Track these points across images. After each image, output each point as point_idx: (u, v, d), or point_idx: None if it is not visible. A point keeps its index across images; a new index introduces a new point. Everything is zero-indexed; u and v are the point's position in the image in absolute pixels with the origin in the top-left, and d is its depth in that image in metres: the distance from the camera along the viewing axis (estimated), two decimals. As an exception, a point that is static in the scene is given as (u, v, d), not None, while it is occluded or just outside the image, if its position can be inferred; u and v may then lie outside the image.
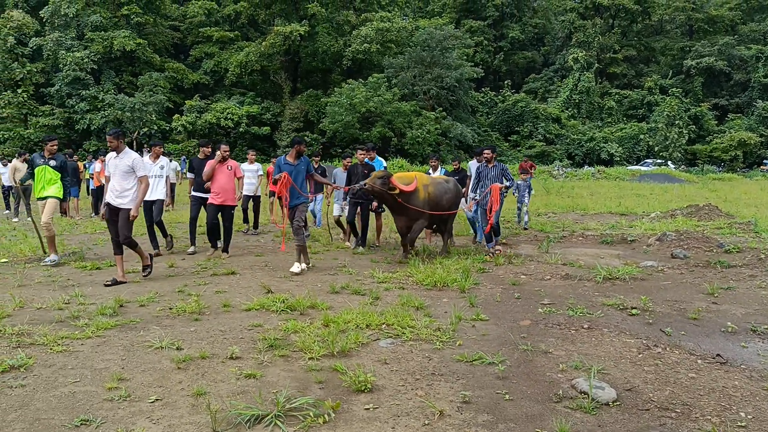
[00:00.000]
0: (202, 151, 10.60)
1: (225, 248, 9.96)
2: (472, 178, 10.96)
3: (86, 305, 6.47)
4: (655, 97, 53.09)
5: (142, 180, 7.83)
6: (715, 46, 54.89)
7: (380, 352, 5.03)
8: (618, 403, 4.07)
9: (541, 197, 21.21)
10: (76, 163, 17.98)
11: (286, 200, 8.60)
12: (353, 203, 10.62)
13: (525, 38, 61.33)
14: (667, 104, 48.83)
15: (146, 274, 8.06)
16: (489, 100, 52.44)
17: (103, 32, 44.80)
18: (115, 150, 7.78)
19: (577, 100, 52.37)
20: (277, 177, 8.46)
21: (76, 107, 42.73)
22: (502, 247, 10.33)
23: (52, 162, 9.29)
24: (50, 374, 4.47)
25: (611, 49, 58.54)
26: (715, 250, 9.98)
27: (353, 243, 10.97)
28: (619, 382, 4.43)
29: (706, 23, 60.17)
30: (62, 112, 42.95)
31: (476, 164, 10.90)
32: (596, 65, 54.16)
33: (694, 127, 50.19)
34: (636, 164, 46.05)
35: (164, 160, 10.42)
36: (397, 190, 9.03)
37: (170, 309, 6.35)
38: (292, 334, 5.46)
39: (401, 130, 42.59)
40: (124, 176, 7.71)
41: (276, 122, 45.73)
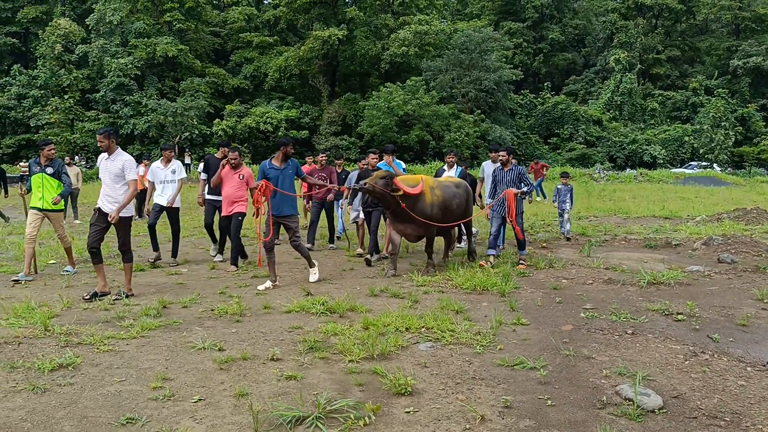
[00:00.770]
0: (221, 151, 10.08)
1: (232, 260, 9.29)
2: (484, 179, 10.50)
3: (131, 306, 6.61)
4: (700, 98, 51.85)
5: (131, 184, 7.11)
6: (763, 45, 53.27)
7: (420, 356, 5.02)
8: (664, 410, 3.97)
9: (582, 200, 20.90)
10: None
11: (262, 211, 7.64)
12: (364, 211, 10.02)
13: (565, 39, 60.55)
14: (713, 105, 47.62)
15: (89, 297, 6.93)
16: (528, 102, 51.92)
17: (146, 39, 45.78)
18: (106, 150, 7.09)
19: (618, 102, 51.46)
20: (257, 184, 7.71)
21: (120, 112, 43.74)
22: (543, 251, 10.20)
23: (49, 169, 8.45)
24: (97, 373, 4.57)
25: (654, 50, 57.42)
26: (763, 255, 9.70)
27: (373, 257, 9.99)
28: (665, 389, 4.33)
29: (754, 22, 58.42)
30: (107, 117, 43.99)
31: (491, 165, 10.42)
32: (639, 66, 53.16)
33: (740, 128, 48.84)
34: (680, 167, 45.03)
35: (176, 164, 9.94)
36: (401, 192, 8.26)
37: (212, 310, 6.44)
38: (332, 336, 5.49)
39: (439, 133, 42.47)
40: (116, 180, 7.06)
41: (314, 126, 46.08)
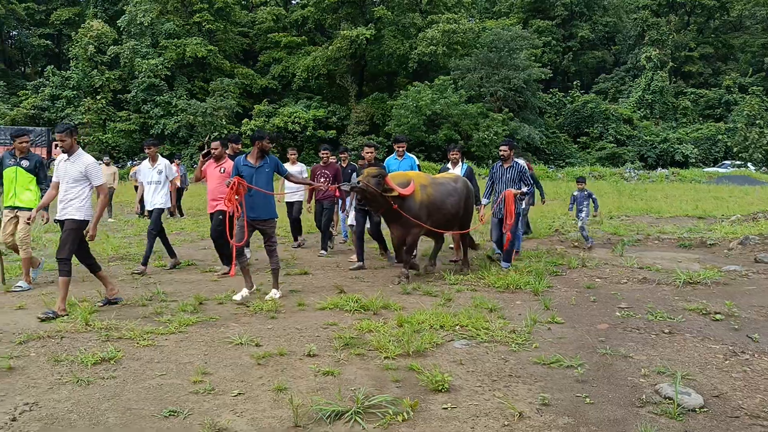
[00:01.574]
0: (232, 147, 9.28)
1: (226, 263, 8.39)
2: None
3: (168, 302, 6.71)
4: (734, 96, 50.88)
5: (101, 190, 6.41)
6: (800, 41, 52.23)
7: (455, 353, 5.02)
8: (705, 409, 3.93)
9: (613, 200, 20.65)
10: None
11: (238, 213, 6.81)
12: (359, 210, 9.13)
13: (595, 37, 59.85)
14: (747, 103, 46.66)
15: (104, 303, 6.56)
16: (557, 101, 51.48)
17: (176, 39, 46.36)
18: (67, 150, 6.32)
19: (649, 100, 50.75)
20: (228, 181, 6.81)
21: (151, 112, 44.40)
22: (575, 250, 10.10)
23: (25, 162, 7.58)
24: (138, 367, 4.66)
25: (686, 47, 56.49)
26: (803, 255, 9.50)
27: (389, 258, 9.58)
28: (705, 388, 4.28)
29: (790, 18, 57.29)
30: (138, 118, 44.70)
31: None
32: (670, 64, 52.32)
33: (775, 126, 47.88)
34: (713, 166, 44.26)
35: (163, 163, 9.08)
36: (395, 192, 7.49)
37: (247, 307, 6.52)
38: (366, 333, 5.52)
39: (468, 133, 42.31)
40: (73, 184, 6.32)
41: (342, 126, 46.23)
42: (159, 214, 8.91)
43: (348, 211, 10.32)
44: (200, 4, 47.89)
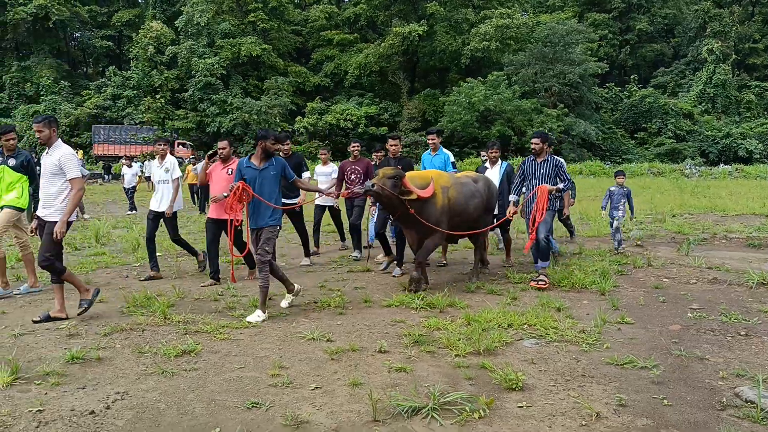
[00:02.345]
0: (280, 147, 8.51)
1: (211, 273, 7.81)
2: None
3: (238, 297, 6.91)
4: (802, 88, 48.98)
5: (74, 183, 5.84)
6: None
7: (525, 352, 5.03)
8: (790, 414, 3.84)
9: (674, 197, 20.14)
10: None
11: (237, 221, 6.49)
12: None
13: (653, 30, 58.37)
14: (815, 96, 44.88)
15: (81, 311, 5.98)
16: (614, 95, 50.48)
17: (231, 39, 47.34)
18: (45, 142, 5.92)
19: (711, 94, 49.21)
20: (232, 186, 6.17)
21: (207, 111, 45.47)
22: (638, 249, 9.91)
23: (12, 161, 7.06)
24: (217, 360, 4.82)
25: (750, 39, 54.58)
26: None
27: (385, 263, 8.83)
28: (788, 393, 4.17)
29: None
30: (194, 116, 45.85)
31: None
32: (733, 56, 50.68)
33: None
34: (779, 162, 42.68)
35: (170, 161, 8.33)
36: (413, 195, 6.79)
37: (315, 303, 6.65)
38: (434, 330, 5.57)
39: (521, 129, 41.89)
40: (51, 179, 5.90)
41: (394, 122, 46.38)
42: (173, 218, 8.26)
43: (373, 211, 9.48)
44: (255, 3, 48.80)
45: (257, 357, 4.89)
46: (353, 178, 9.38)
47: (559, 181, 7.58)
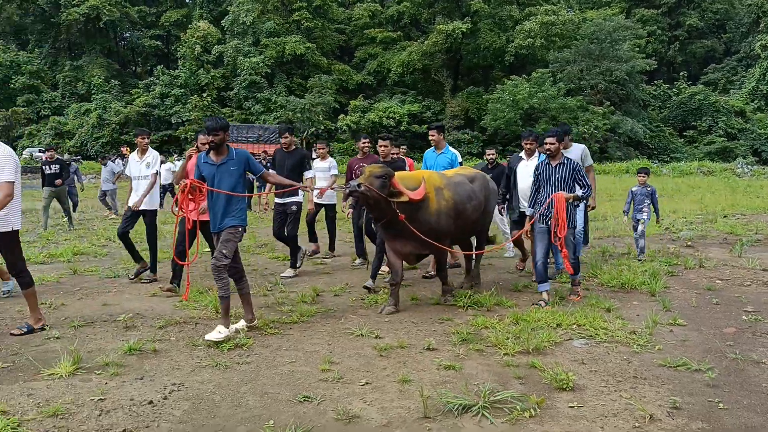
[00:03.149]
0: (288, 140, 8.23)
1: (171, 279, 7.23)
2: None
3: (287, 293, 7.01)
4: None
5: (3, 188, 5.10)
6: None
7: (575, 352, 4.99)
8: None
9: (726, 197, 19.61)
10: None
11: (189, 222, 6.03)
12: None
13: (704, 26, 56.74)
14: None
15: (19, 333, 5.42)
16: (662, 93, 49.27)
17: (275, 38, 47.81)
18: None
19: (764, 91, 47.58)
20: (182, 183, 5.51)
21: (252, 109, 46.07)
22: (688, 249, 9.68)
23: None
24: (269, 354, 4.92)
25: (807, 34, 52.66)
26: None
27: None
28: None
29: None
30: (240, 114, 46.49)
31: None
32: (789, 52, 48.97)
33: None
34: (836, 161, 41.15)
35: (152, 156, 7.76)
36: (404, 197, 5.96)
37: (362, 299, 6.71)
38: (482, 329, 5.57)
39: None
40: None
41: (437, 120, 46.16)
42: (153, 217, 7.80)
43: None
44: (299, 2, 49.18)
45: (307, 352, 4.97)
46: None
47: (578, 187, 6.66)
